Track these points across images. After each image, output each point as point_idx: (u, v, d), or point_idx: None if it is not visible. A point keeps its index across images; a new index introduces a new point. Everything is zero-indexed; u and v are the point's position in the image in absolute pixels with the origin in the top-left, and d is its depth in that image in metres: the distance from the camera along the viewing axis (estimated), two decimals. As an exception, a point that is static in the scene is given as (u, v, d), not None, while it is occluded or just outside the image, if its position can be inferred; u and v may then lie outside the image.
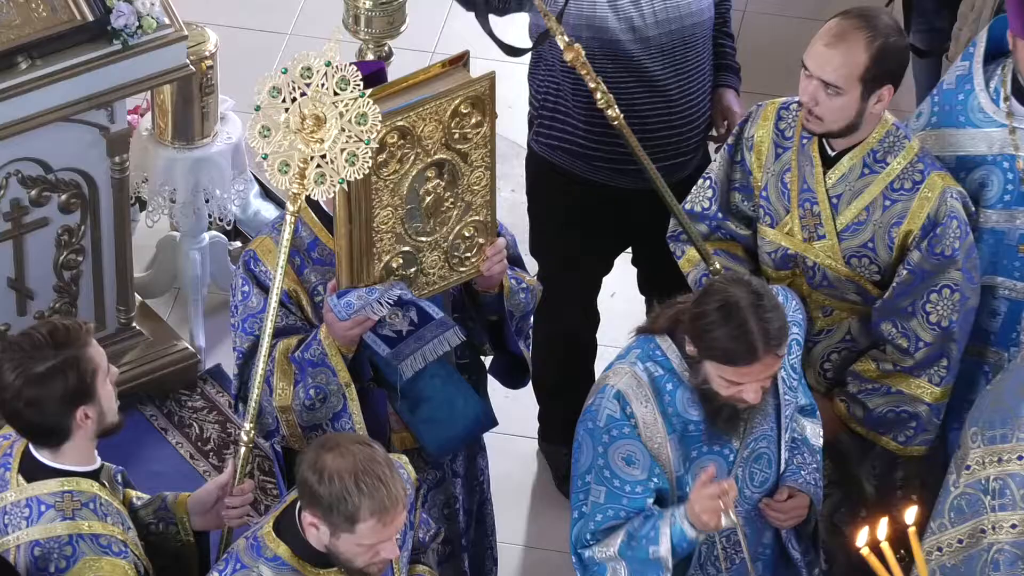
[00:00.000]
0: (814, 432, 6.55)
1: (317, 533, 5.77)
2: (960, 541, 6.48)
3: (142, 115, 8.43)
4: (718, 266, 6.85)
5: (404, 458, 6.15)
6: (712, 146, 7.75)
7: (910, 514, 4.88)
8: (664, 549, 6.27)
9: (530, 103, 7.60)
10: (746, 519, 6.38)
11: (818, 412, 6.59)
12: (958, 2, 8.08)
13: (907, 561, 6.63)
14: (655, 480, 6.24)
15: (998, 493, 6.38)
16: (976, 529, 6.44)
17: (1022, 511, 6.36)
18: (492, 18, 7.56)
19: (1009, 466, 6.36)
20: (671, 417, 6.26)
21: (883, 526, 5.35)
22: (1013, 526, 6.37)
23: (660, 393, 6.25)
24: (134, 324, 8.35)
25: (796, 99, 6.73)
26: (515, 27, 7.70)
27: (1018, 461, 6.34)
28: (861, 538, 5.45)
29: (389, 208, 6.28)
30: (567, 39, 6.68)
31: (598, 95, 6.66)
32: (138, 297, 8.42)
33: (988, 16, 7.69)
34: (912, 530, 4.92)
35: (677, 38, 7.50)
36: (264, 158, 6.08)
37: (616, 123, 6.66)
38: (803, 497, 6.42)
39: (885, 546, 5.21)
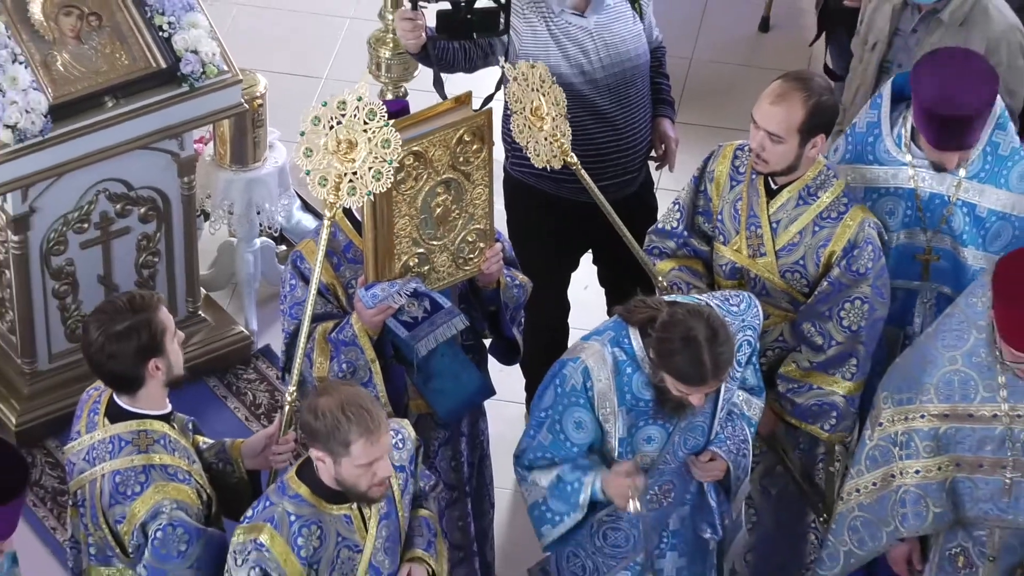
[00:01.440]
0: (751, 405, 6.60)
1: (325, 467, 5.86)
2: (874, 484, 6.57)
3: (206, 144, 8.49)
4: (664, 284, 6.88)
5: (405, 421, 6.23)
6: (652, 165, 7.77)
7: None
8: (583, 499, 6.42)
9: (503, 137, 7.48)
10: (677, 472, 6.47)
11: (763, 391, 6.64)
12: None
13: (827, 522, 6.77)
14: (594, 443, 6.39)
15: (904, 445, 6.47)
16: (887, 474, 6.53)
17: (924, 459, 6.44)
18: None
19: (914, 423, 6.45)
20: (625, 394, 6.33)
21: None
22: (916, 471, 6.46)
23: (620, 374, 6.31)
24: (200, 312, 8.42)
25: (748, 143, 6.73)
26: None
27: (920, 419, 6.43)
28: None
29: (407, 217, 6.36)
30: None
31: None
32: (203, 290, 8.47)
33: (877, 59, 7.69)
34: None
35: (620, 78, 7.48)
36: (307, 173, 6.18)
37: (574, 167, 6.68)
38: (723, 462, 6.47)
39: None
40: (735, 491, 6.62)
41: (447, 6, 7.22)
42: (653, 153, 7.75)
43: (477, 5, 7.22)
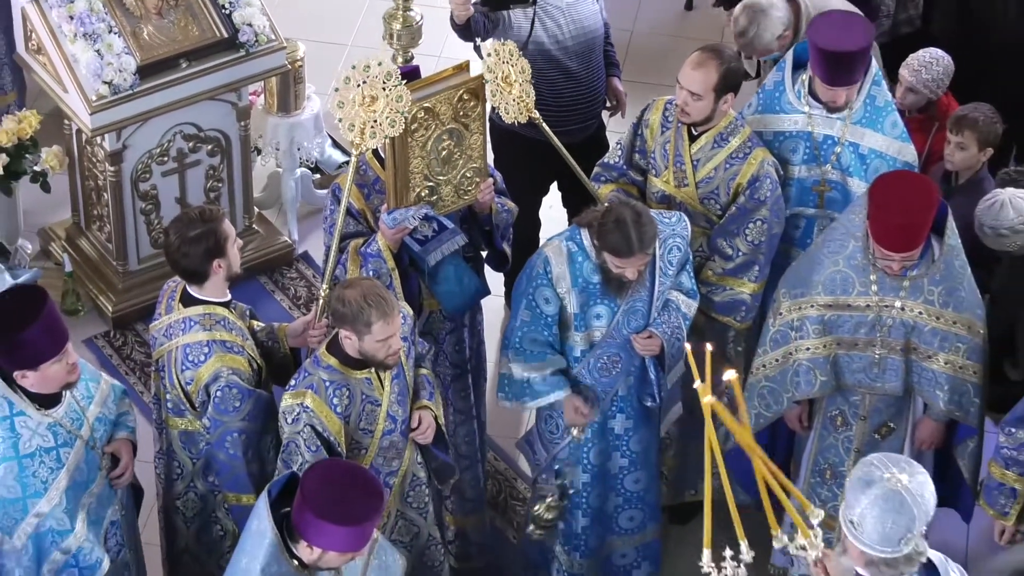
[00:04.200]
0: (687, 304, 6.51)
1: (351, 342, 5.79)
2: (776, 360, 6.50)
3: (258, 96, 8.35)
4: (605, 198, 6.74)
5: (405, 304, 6.15)
6: (606, 114, 7.70)
7: (729, 374, 4.65)
8: (541, 403, 6.48)
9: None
10: (623, 347, 6.41)
11: (697, 295, 6.55)
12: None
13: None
14: (558, 313, 6.34)
15: (798, 329, 6.41)
16: (786, 353, 6.45)
17: (813, 340, 6.38)
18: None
19: (805, 312, 6.39)
20: (577, 277, 6.30)
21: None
22: (807, 349, 6.40)
23: (572, 262, 6.30)
24: (253, 226, 8.30)
25: (675, 99, 6.66)
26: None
27: (811, 308, 6.37)
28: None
29: (419, 159, 6.25)
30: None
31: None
32: (256, 209, 8.37)
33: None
34: (735, 377, 4.75)
35: (585, 46, 7.42)
36: (339, 120, 6.09)
37: (537, 121, 6.54)
38: (658, 339, 6.40)
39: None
40: (670, 366, 6.53)
41: None
42: (607, 104, 7.70)
43: None
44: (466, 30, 7.33)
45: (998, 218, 6.78)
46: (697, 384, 4.80)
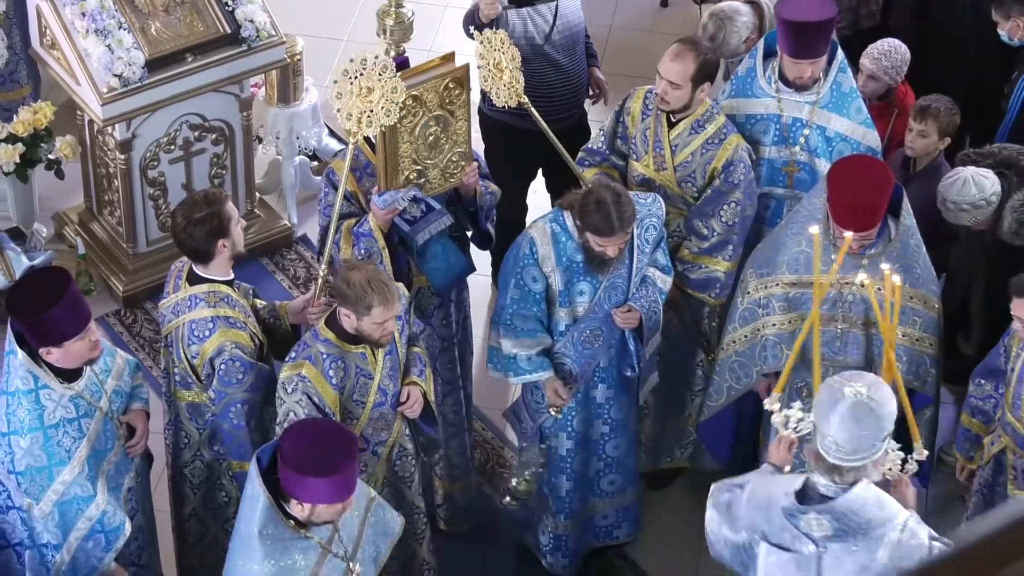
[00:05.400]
0: (663, 280, 6.57)
1: (349, 321, 5.82)
2: (746, 336, 6.56)
3: (259, 88, 8.38)
4: (591, 177, 6.81)
5: (401, 284, 6.14)
6: (588, 102, 7.74)
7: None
8: (524, 380, 6.55)
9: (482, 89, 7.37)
10: (605, 321, 6.45)
11: (671, 271, 6.59)
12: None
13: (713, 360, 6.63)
14: (544, 291, 6.39)
15: (765, 306, 6.47)
16: (754, 329, 6.51)
17: (778, 316, 6.44)
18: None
19: (771, 290, 6.45)
20: (561, 256, 6.34)
21: None
22: (774, 325, 6.46)
23: (556, 242, 6.34)
24: (255, 210, 8.33)
25: (654, 88, 6.69)
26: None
27: (776, 287, 6.42)
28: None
29: (408, 143, 6.28)
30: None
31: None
32: (257, 194, 8.40)
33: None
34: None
35: (570, 40, 7.47)
36: (337, 111, 6.10)
37: (526, 106, 6.61)
38: (637, 313, 6.45)
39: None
40: (648, 338, 6.57)
41: None
42: (590, 92, 7.74)
43: None
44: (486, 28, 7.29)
45: (960, 193, 6.81)
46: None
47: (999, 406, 6.29)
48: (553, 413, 6.57)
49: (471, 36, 7.28)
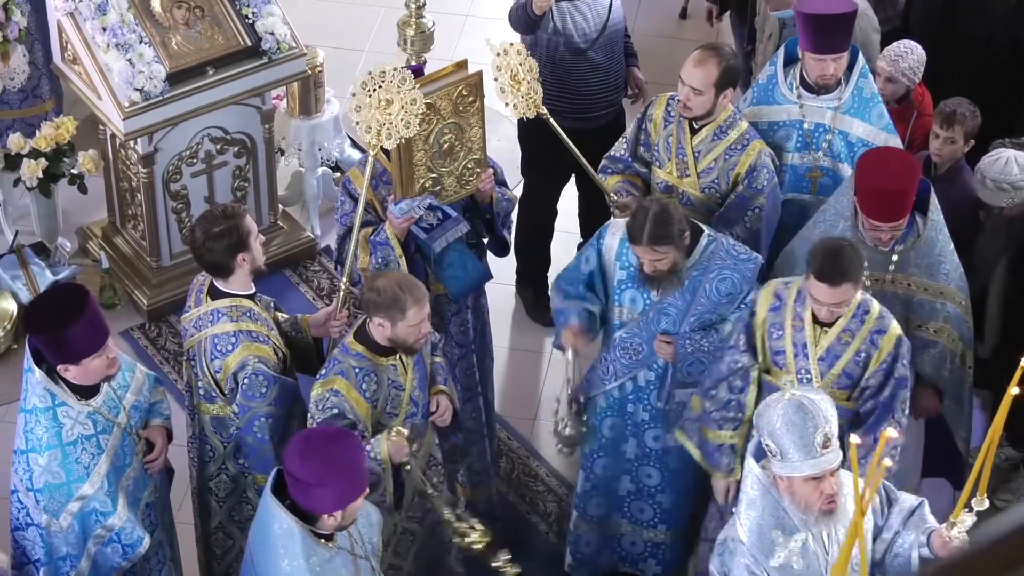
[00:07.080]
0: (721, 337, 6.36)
1: (382, 330, 5.78)
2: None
3: (281, 100, 8.39)
4: (612, 193, 6.78)
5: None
6: (626, 101, 7.76)
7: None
8: (561, 322, 6.50)
9: None
10: (648, 341, 6.40)
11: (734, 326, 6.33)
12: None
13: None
14: (593, 276, 6.42)
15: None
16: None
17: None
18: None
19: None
20: (622, 255, 6.35)
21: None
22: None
23: (622, 242, 6.32)
24: (278, 222, 8.35)
25: (677, 95, 6.67)
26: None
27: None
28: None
29: (423, 151, 6.26)
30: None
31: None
32: (280, 206, 8.41)
33: (775, 43, 7.61)
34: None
35: (609, 39, 7.49)
36: (357, 124, 6.10)
37: (544, 117, 6.59)
38: (672, 348, 6.34)
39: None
40: (677, 381, 6.44)
41: None
42: (629, 91, 7.77)
43: None
44: (537, 22, 7.39)
45: (1003, 172, 6.78)
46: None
47: None
48: (567, 357, 6.41)
49: (523, 30, 7.33)
